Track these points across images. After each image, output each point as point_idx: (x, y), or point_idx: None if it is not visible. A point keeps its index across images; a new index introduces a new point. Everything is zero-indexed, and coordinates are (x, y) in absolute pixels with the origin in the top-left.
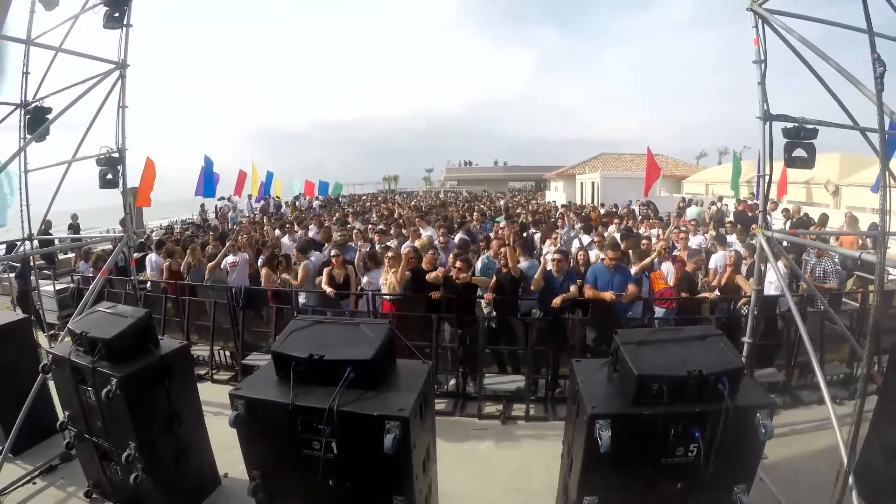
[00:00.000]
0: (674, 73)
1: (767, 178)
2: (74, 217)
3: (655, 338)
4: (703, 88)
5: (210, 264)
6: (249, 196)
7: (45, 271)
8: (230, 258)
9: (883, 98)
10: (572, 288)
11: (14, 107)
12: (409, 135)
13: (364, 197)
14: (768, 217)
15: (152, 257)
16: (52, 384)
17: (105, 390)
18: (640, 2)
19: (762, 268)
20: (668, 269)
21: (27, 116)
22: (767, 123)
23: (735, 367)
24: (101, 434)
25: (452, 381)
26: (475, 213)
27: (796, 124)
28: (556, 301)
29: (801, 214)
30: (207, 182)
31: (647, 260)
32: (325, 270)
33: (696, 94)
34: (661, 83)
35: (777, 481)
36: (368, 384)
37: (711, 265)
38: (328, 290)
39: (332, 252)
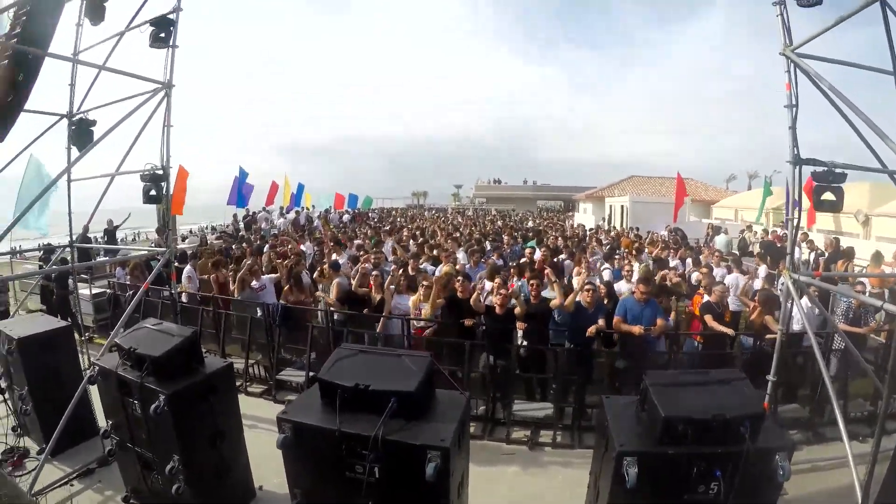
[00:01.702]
0: (705, 97)
1: (796, 221)
2: (110, 223)
3: (682, 380)
4: (733, 112)
5: (235, 288)
6: (281, 208)
7: (82, 275)
8: (255, 283)
9: None
10: (601, 321)
11: (59, 117)
12: (438, 151)
13: (394, 212)
14: (797, 255)
15: (187, 269)
16: (91, 389)
17: (153, 406)
18: (673, 25)
19: (788, 309)
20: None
21: (72, 127)
22: (797, 167)
23: (756, 412)
24: (144, 445)
25: (482, 406)
26: (506, 238)
27: (826, 168)
28: (592, 330)
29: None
30: (241, 192)
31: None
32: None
33: (727, 117)
34: (692, 106)
35: None
36: (411, 414)
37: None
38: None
39: (373, 273)
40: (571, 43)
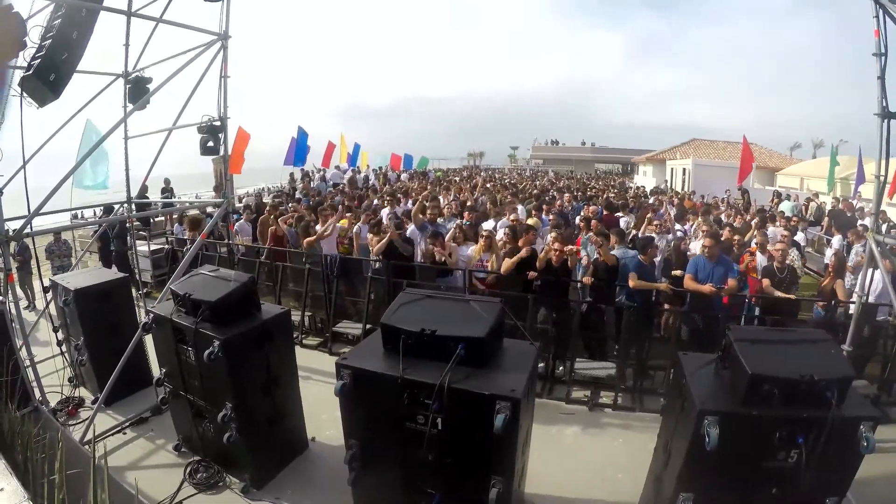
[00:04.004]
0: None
1: (882, 177)
2: (167, 182)
3: (768, 337)
4: (798, 78)
5: (308, 240)
6: (337, 167)
7: (140, 232)
8: (321, 228)
9: None
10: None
11: (115, 76)
12: (497, 111)
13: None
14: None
15: (241, 222)
16: (146, 340)
17: (207, 352)
18: None
19: (871, 274)
20: (761, 262)
21: (128, 86)
22: (885, 121)
23: (845, 375)
24: (197, 392)
25: (541, 364)
26: (566, 195)
27: None
28: (667, 285)
29: None
30: (299, 151)
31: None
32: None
33: (792, 83)
34: (756, 70)
35: (861, 498)
36: (479, 362)
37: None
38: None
39: (431, 233)
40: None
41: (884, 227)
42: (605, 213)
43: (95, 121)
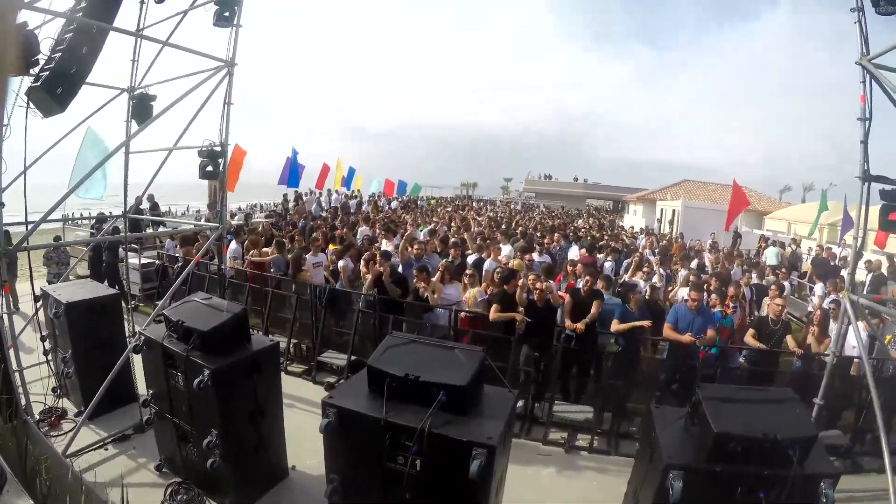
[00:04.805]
0: (764, 103)
1: (861, 238)
2: (151, 198)
3: (737, 396)
4: (792, 120)
5: (302, 275)
6: (329, 191)
7: (132, 245)
8: (313, 258)
9: None
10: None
11: (120, 91)
12: (492, 142)
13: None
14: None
15: (232, 245)
16: (133, 357)
17: (197, 380)
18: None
19: (843, 330)
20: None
21: (132, 101)
22: (866, 184)
23: (808, 435)
24: (183, 416)
25: (520, 403)
26: (556, 235)
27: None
28: (647, 323)
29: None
30: (293, 172)
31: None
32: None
33: (785, 125)
34: (750, 112)
35: None
36: (459, 409)
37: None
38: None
39: (415, 270)
40: (633, 42)
41: (868, 276)
42: (585, 254)
43: (96, 128)
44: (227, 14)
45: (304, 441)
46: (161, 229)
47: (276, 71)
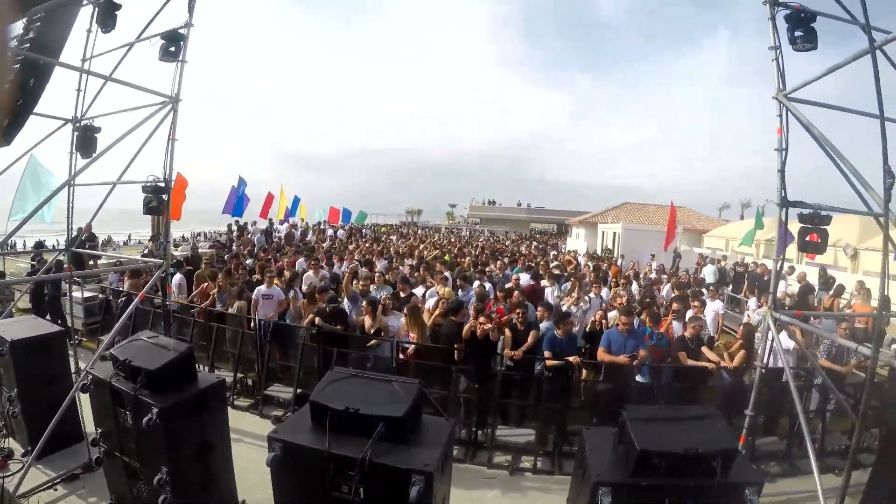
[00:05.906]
0: (702, 125)
1: (780, 260)
2: (89, 226)
3: (659, 415)
4: (728, 140)
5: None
6: (270, 221)
7: (75, 278)
8: (264, 290)
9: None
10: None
11: (65, 122)
12: (436, 169)
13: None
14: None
15: (176, 277)
16: (80, 396)
17: (146, 419)
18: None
19: (768, 346)
20: (678, 331)
21: (76, 133)
22: (784, 209)
23: (729, 447)
24: (132, 455)
25: (463, 430)
26: (498, 263)
27: (812, 210)
28: (576, 358)
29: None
30: (238, 202)
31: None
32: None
33: (722, 144)
34: (689, 133)
35: None
36: (398, 438)
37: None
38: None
39: (364, 304)
40: (574, 67)
41: (792, 288)
42: (531, 281)
43: (39, 156)
44: (172, 49)
45: (252, 474)
46: (103, 261)
47: (211, 102)
